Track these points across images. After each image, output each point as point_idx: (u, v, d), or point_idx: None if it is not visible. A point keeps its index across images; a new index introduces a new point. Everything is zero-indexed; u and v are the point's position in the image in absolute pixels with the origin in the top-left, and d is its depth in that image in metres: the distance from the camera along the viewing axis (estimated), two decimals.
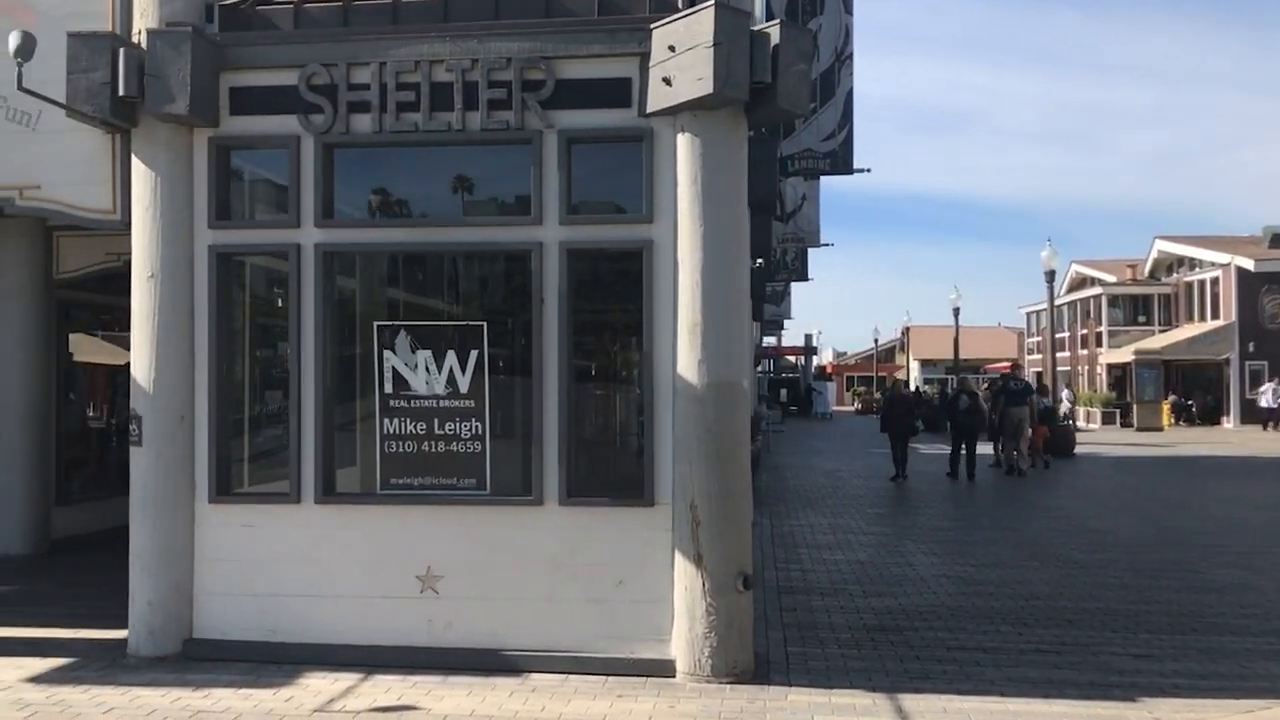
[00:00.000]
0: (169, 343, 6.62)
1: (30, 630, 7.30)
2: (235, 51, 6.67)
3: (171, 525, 6.60)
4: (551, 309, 6.40)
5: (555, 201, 6.42)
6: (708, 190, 6.19)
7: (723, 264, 6.23)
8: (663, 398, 6.33)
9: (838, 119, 15.76)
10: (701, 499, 6.12)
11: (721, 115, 6.21)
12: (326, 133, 6.57)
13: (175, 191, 6.63)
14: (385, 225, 6.74)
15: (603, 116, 6.43)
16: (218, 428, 6.69)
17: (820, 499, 16.06)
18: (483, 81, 6.43)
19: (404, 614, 6.47)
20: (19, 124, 6.84)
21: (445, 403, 6.52)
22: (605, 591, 6.33)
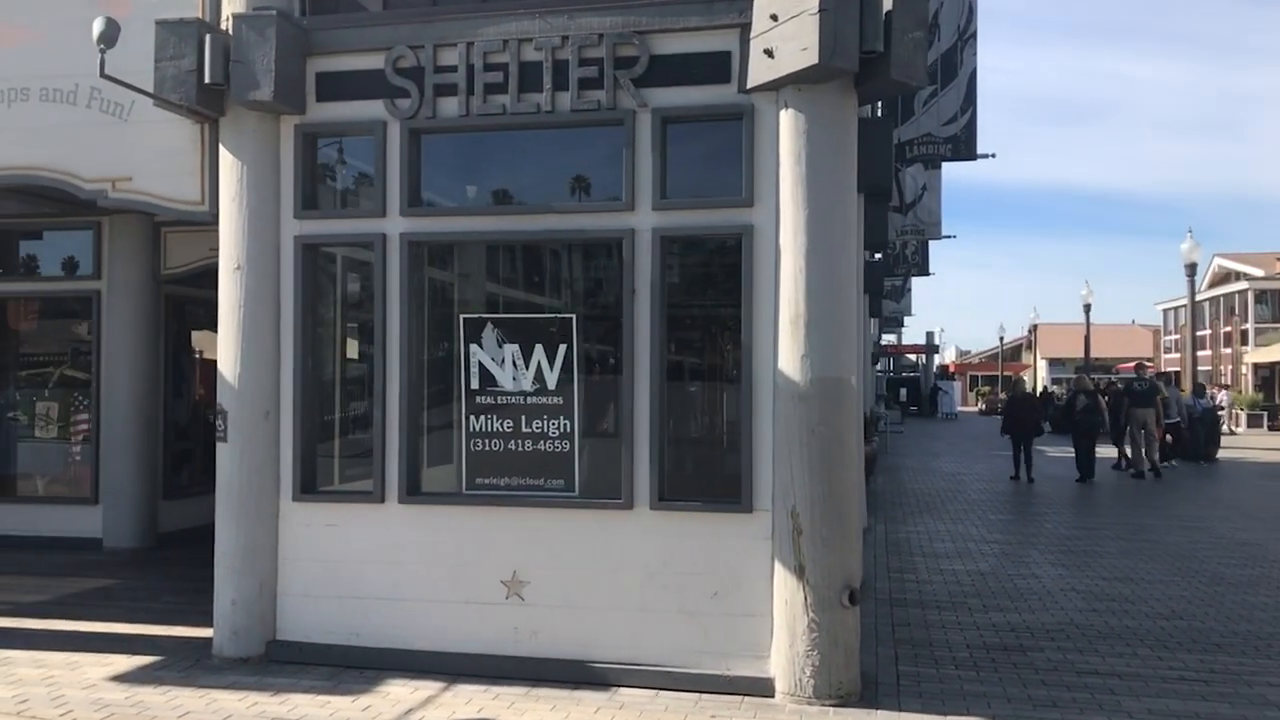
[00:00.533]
0: (254, 336, 6.46)
1: (125, 626, 7.27)
2: (321, 35, 6.47)
3: (255, 523, 6.44)
4: (644, 300, 6.01)
5: (648, 185, 6.03)
6: (813, 170, 5.70)
7: (829, 250, 5.73)
8: (762, 396, 5.87)
9: (959, 102, 14.95)
10: (804, 506, 5.65)
11: (828, 89, 5.72)
12: (413, 117, 6.31)
13: (262, 181, 6.47)
14: (471, 213, 6.44)
15: (700, 94, 6.01)
16: (302, 423, 6.50)
17: (939, 503, 15.30)
18: (573, 60, 6.08)
19: (488, 621, 6.17)
20: (112, 115, 6.78)
21: (532, 399, 6.19)
22: (700, 603, 5.91)
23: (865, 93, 5.94)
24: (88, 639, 6.93)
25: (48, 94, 6.85)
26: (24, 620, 7.42)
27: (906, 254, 25.47)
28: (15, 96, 6.91)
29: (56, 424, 10.78)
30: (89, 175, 6.80)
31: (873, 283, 17.29)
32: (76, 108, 6.81)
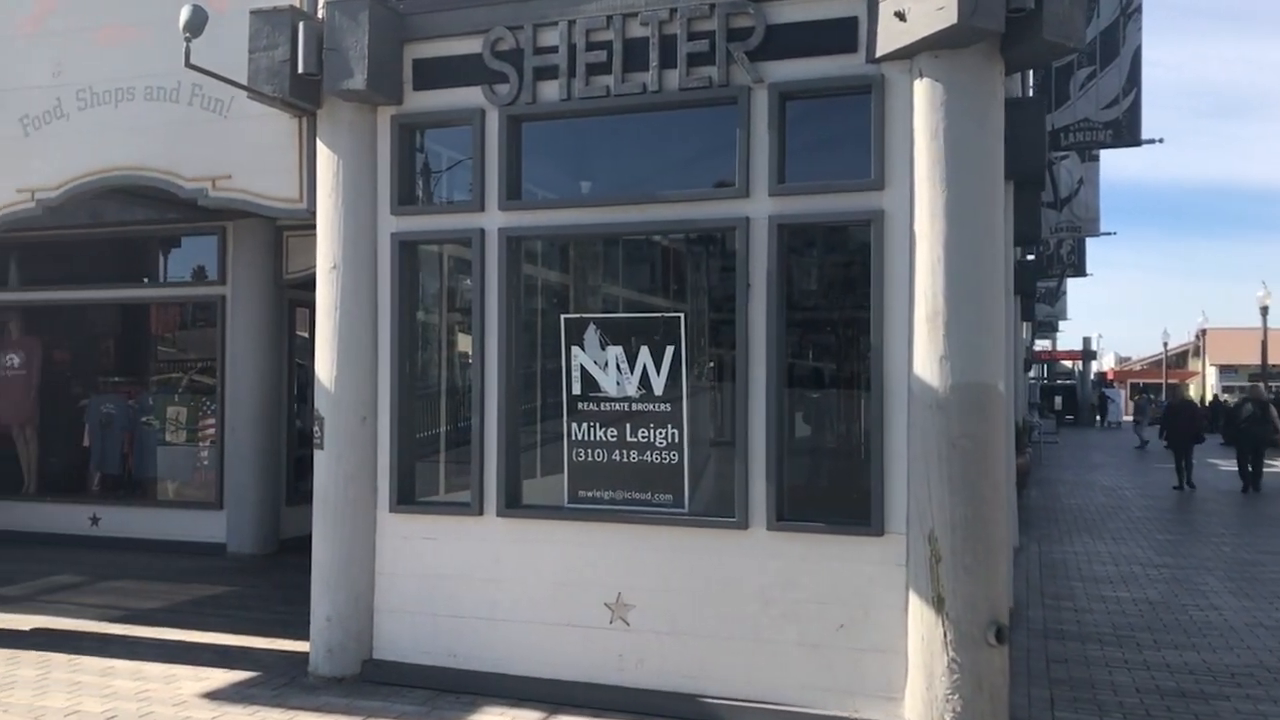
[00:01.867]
0: (351, 339, 6.15)
1: (230, 637, 7.07)
2: (417, 20, 6.11)
3: (351, 535, 6.11)
4: (759, 296, 5.41)
5: (764, 169, 5.43)
6: (952, 147, 5.01)
7: (971, 237, 5.02)
8: (895, 403, 5.20)
9: (1121, 83, 13.72)
10: (943, 529, 4.94)
11: (969, 55, 5.02)
12: (512, 103, 5.88)
13: (358, 176, 6.15)
14: (572, 205, 5.96)
15: (822, 65, 5.38)
16: (400, 430, 6.14)
17: (1099, 521, 14.10)
18: (682, 34, 5.54)
19: (591, 646, 5.66)
20: (212, 112, 6.59)
21: (638, 406, 5.67)
22: (823, 635, 5.27)
23: (1013, 58, 5.20)
24: (191, 650, 6.75)
25: (151, 92, 6.72)
26: (134, 627, 7.33)
27: (1061, 253, 23.98)
28: (122, 96, 6.80)
29: (185, 429, 10.86)
30: (190, 173, 6.63)
31: (1024, 284, 16.14)
32: (179, 105, 6.65)
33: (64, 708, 5.59)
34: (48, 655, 6.58)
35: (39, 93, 6.98)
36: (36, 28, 7.04)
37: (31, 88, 7.01)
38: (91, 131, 6.85)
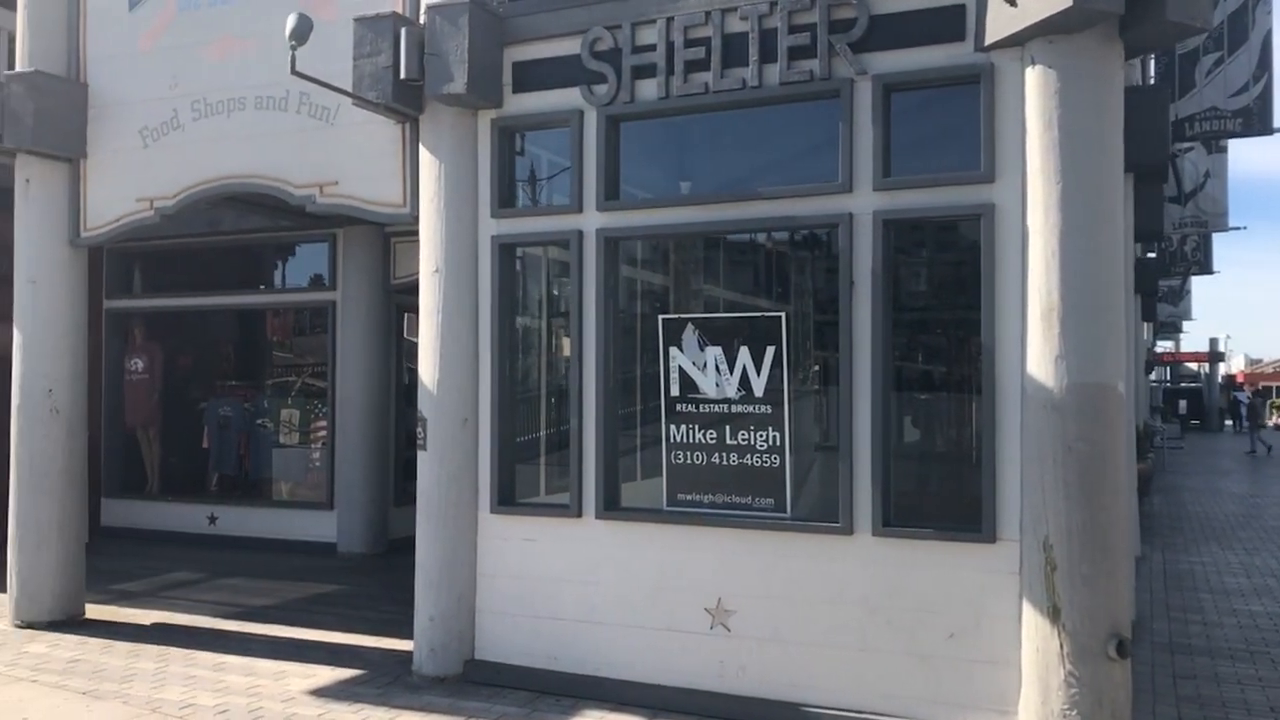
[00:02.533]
0: (452, 341, 6.19)
1: (339, 635, 7.20)
2: (516, 22, 6.13)
3: (454, 536, 6.15)
4: (863, 294, 5.26)
5: (869, 163, 5.28)
6: (1067, 136, 4.79)
7: (1088, 230, 4.78)
8: (1007, 405, 4.99)
9: (1252, 68, 13.00)
10: (1059, 536, 4.71)
11: (1085, 39, 4.79)
12: (610, 103, 5.85)
13: (459, 180, 6.20)
14: (670, 205, 5.89)
15: (928, 55, 5.20)
16: (500, 431, 6.16)
17: (1229, 530, 13.41)
18: (782, 27, 5.43)
19: (691, 652, 5.58)
20: (319, 120, 6.72)
21: (738, 408, 5.56)
22: (932, 645, 5.08)
23: (1133, 41, 4.95)
24: (300, 647, 6.89)
25: (261, 102, 6.89)
26: (248, 624, 7.51)
27: (1185, 250, 22.92)
28: (233, 106, 7.00)
29: (298, 431, 11.15)
30: (299, 180, 6.78)
31: (1146, 282, 15.46)
32: (287, 114, 6.80)
33: (179, 700, 5.74)
34: (166, 649, 6.79)
35: (157, 105, 7.23)
36: (154, 43, 7.30)
37: (150, 100, 7.26)
38: (205, 141, 7.06)
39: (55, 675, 6.21)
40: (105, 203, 7.48)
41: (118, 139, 7.41)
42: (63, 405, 7.51)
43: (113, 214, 7.44)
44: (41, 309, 7.48)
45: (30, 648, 6.84)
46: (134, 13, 7.40)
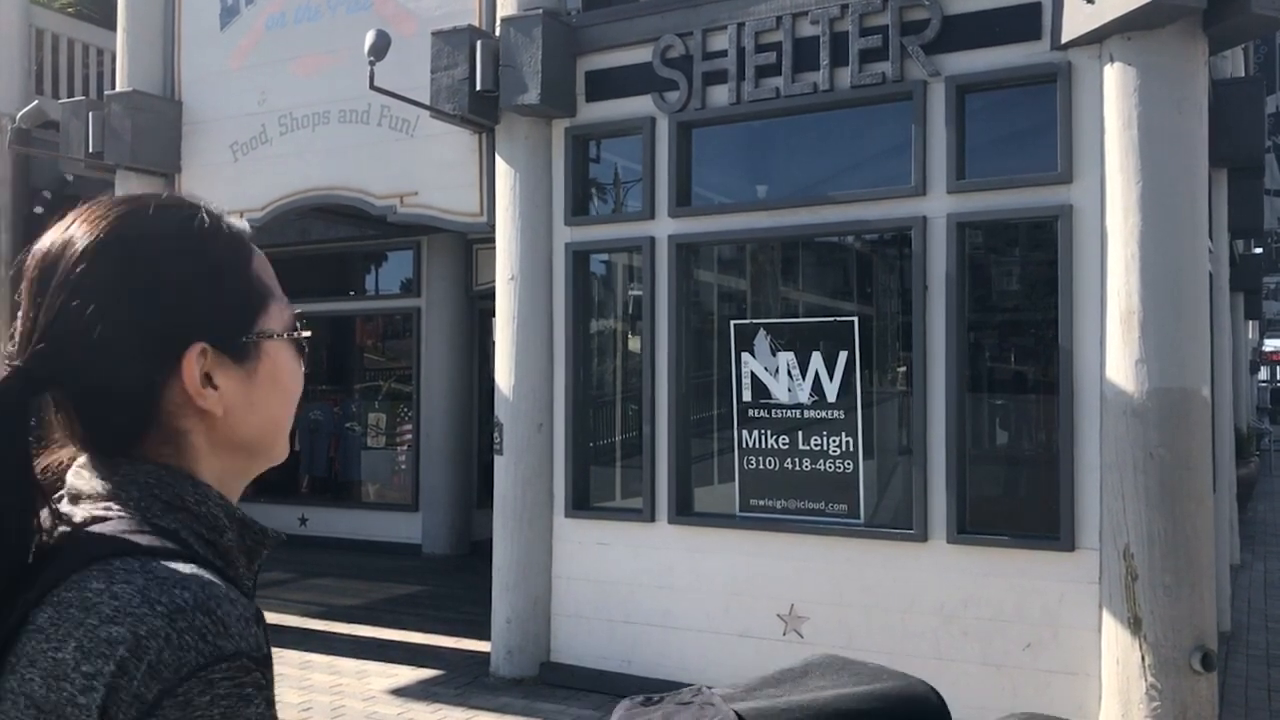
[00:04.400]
0: (528, 348, 6.29)
1: (420, 636, 7.35)
2: (589, 32, 6.20)
3: (530, 539, 6.24)
4: (937, 298, 5.20)
5: (942, 166, 5.21)
6: (1147, 135, 4.67)
7: (1169, 231, 4.66)
8: (1086, 410, 4.88)
9: None
10: (1139, 544, 4.60)
11: (1165, 35, 4.67)
12: (681, 110, 5.88)
13: (534, 189, 6.29)
14: (741, 210, 5.89)
15: (1003, 55, 5.12)
16: (574, 437, 6.23)
17: None
18: (854, 30, 5.40)
19: (765, 657, 5.56)
20: (399, 131, 6.89)
21: (810, 413, 5.54)
22: (1007, 654, 4.99)
23: (1217, 36, 4.81)
24: (383, 647, 7.05)
25: (345, 115, 7.09)
26: (334, 624, 7.72)
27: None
28: (318, 120, 7.21)
29: (385, 434, 11.41)
30: (380, 191, 6.95)
31: (1248, 279, 14.89)
32: (369, 126, 6.99)
33: None
34: None
35: (246, 120, 7.49)
36: (243, 61, 7.56)
37: (240, 116, 7.53)
38: (292, 154, 7.29)
39: None
40: None
41: (210, 154, 7.69)
42: None
43: None
44: None
45: None
46: (225, 32, 7.68)
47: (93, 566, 0.86)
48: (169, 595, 0.84)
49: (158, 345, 0.94)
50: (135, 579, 0.85)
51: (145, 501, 0.93)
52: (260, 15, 7.51)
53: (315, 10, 7.28)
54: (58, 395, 0.94)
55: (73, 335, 0.90)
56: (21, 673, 0.84)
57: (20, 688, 0.83)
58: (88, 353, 0.91)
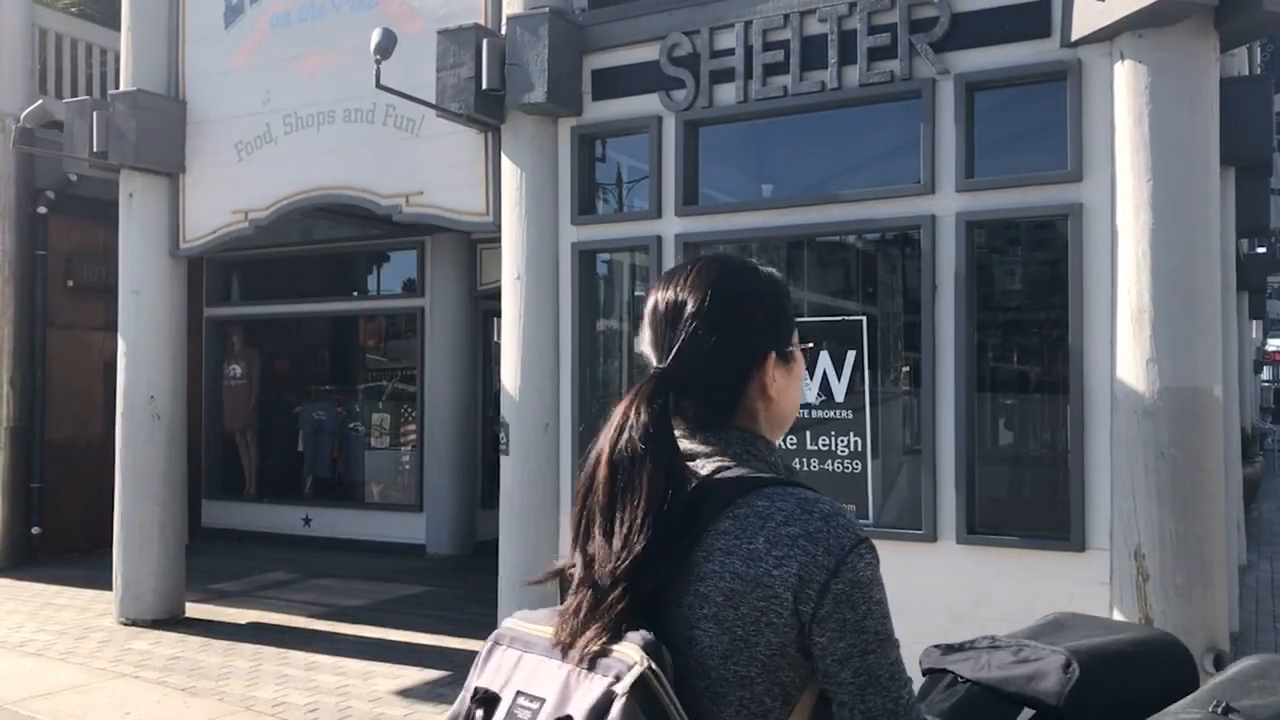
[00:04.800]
0: (534, 347, 6.26)
1: (426, 636, 7.34)
2: (596, 31, 6.18)
3: (536, 539, 6.21)
4: (946, 297, 5.17)
5: (951, 164, 5.19)
6: (1158, 134, 4.64)
7: (1180, 230, 4.63)
8: (1096, 409, 4.85)
9: None
10: (1150, 545, 4.57)
11: (1177, 32, 4.64)
12: (688, 108, 5.85)
13: (540, 188, 6.26)
14: (748, 209, 5.86)
15: (1012, 53, 5.09)
16: (582, 437, 6.20)
17: None
18: (862, 28, 5.37)
19: None
20: (405, 131, 6.86)
21: (818, 413, 5.51)
22: None
23: (1229, 33, 4.78)
24: (388, 648, 7.04)
25: (350, 114, 7.06)
26: (340, 625, 7.70)
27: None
28: (323, 119, 7.19)
29: (389, 434, 11.39)
30: (385, 191, 6.93)
31: (1252, 278, 14.88)
32: (374, 125, 6.96)
33: (271, 698, 5.92)
34: (260, 648, 6.99)
35: (251, 120, 7.47)
36: (248, 60, 7.54)
37: (244, 115, 7.51)
38: (296, 154, 7.27)
39: (156, 672, 6.45)
40: (203, 215, 7.75)
41: (214, 153, 7.67)
42: (164, 412, 7.80)
43: (210, 226, 7.71)
44: (144, 318, 7.78)
45: (133, 645, 7.11)
46: (229, 31, 7.66)
47: (749, 494, 1.34)
48: (816, 506, 1.33)
49: (747, 357, 1.45)
50: (787, 499, 1.34)
51: (743, 455, 1.42)
52: (265, 14, 7.49)
53: (320, 9, 7.26)
54: (679, 389, 1.41)
55: (695, 354, 1.42)
56: (719, 559, 1.31)
57: (722, 568, 1.30)
58: (703, 363, 1.42)
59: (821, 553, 1.29)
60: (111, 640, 7.24)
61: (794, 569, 1.28)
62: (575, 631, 1.27)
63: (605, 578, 1.30)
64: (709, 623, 1.30)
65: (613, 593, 1.28)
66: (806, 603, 1.28)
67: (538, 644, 1.33)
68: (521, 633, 1.37)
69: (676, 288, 1.47)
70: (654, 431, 1.34)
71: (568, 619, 1.30)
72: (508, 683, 1.32)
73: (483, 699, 1.32)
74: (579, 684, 1.23)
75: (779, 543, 1.29)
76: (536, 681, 1.28)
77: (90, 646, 7.06)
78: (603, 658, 1.24)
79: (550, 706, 1.24)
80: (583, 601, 1.30)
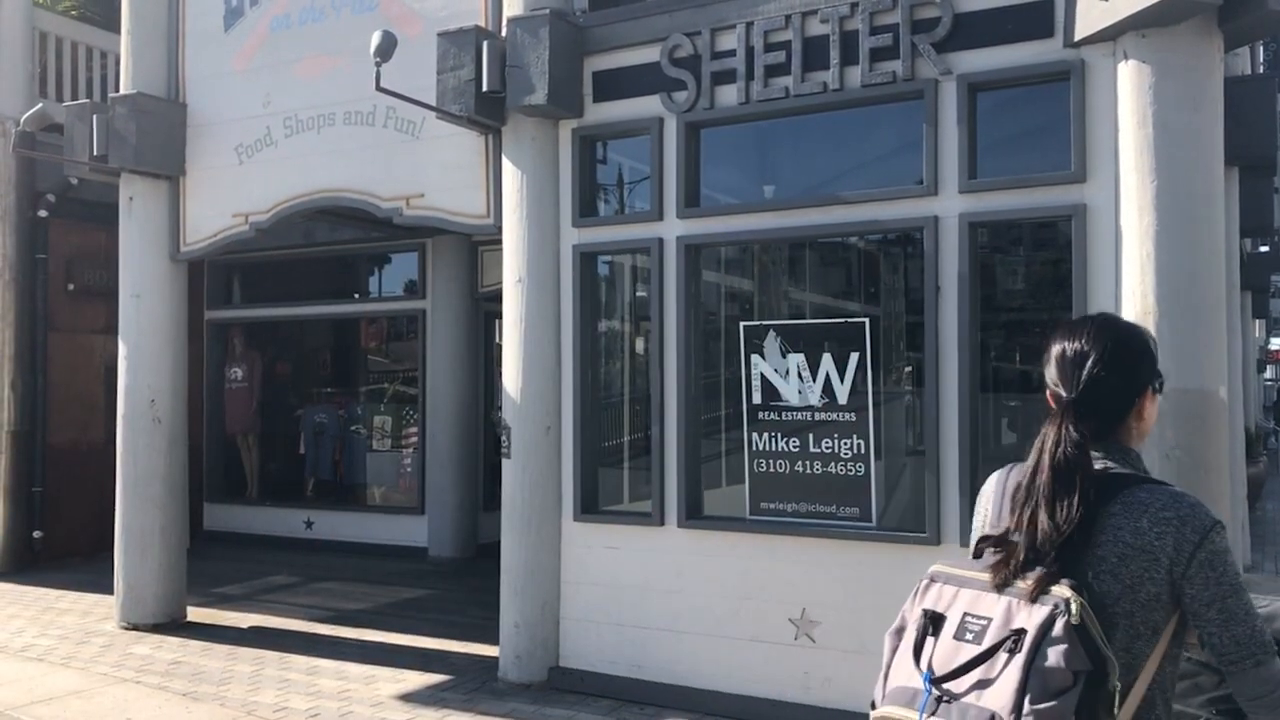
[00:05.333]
0: (535, 350, 6.24)
1: (428, 640, 7.31)
2: (596, 32, 6.15)
3: (538, 543, 6.20)
4: (950, 299, 5.14)
5: (954, 165, 5.16)
6: (1162, 133, 4.62)
7: (1185, 231, 4.61)
8: None
9: None
10: None
11: (1181, 32, 4.61)
12: (690, 110, 5.83)
13: (541, 190, 6.24)
14: (750, 211, 5.84)
15: (1015, 53, 5.07)
16: (583, 440, 6.19)
17: None
18: (864, 29, 5.35)
19: (775, 662, 5.52)
20: (405, 133, 6.83)
21: (821, 415, 5.49)
22: None
23: (1233, 32, 4.76)
24: (391, 652, 7.01)
25: (350, 117, 7.04)
26: (341, 629, 7.68)
27: None
28: (323, 122, 7.16)
29: (390, 437, 11.36)
30: (386, 193, 6.90)
31: (1256, 277, 14.86)
32: (374, 128, 6.94)
33: (273, 703, 5.89)
34: (262, 653, 6.97)
35: (251, 123, 7.44)
36: (248, 63, 7.52)
37: (245, 118, 7.48)
38: (297, 157, 7.24)
39: (157, 677, 6.43)
40: (203, 218, 7.73)
41: (214, 156, 7.65)
42: (164, 415, 7.77)
43: (210, 229, 7.69)
44: (145, 322, 7.76)
45: (135, 649, 7.10)
46: (229, 34, 7.64)
47: (1131, 487, 1.89)
48: (1185, 499, 1.88)
49: (1133, 391, 2.00)
50: (1161, 492, 1.89)
51: (1121, 460, 1.97)
52: (264, 17, 7.47)
53: (320, 11, 7.23)
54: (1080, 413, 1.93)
55: (1096, 388, 1.96)
56: (1111, 533, 1.86)
57: (1114, 539, 1.86)
58: (1103, 396, 1.96)
59: (1189, 531, 1.84)
60: (113, 645, 7.22)
61: (1170, 543, 1.84)
62: (1014, 575, 1.83)
63: (1046, 543, 1.85)
64: (1106, 576, 1.85)
65: (1051, 553, 1.83)
66: (1179, 565, 1.84)
67: (973, 583, 1.88)
68: (954, 574, 1.93)
69: (1080, 340, 2.00)
70: (1078, 446, 1.89)
71: (1001, 568, 1.85)
72: (950, 606, 1.88)
73: (932, 617, 1.88)
74: (1019, 610, 1.77)
75: (1158, 523, 1.85)
76: (980, 606, 1.84)
77: (92, 651, 7.04)
78: (1043, 594, 1.77)
79: (998, 623, 1.79)
80: (1021, 556, 1.85)
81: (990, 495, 2.10)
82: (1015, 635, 1.75)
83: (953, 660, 1.81)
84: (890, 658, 1.95)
